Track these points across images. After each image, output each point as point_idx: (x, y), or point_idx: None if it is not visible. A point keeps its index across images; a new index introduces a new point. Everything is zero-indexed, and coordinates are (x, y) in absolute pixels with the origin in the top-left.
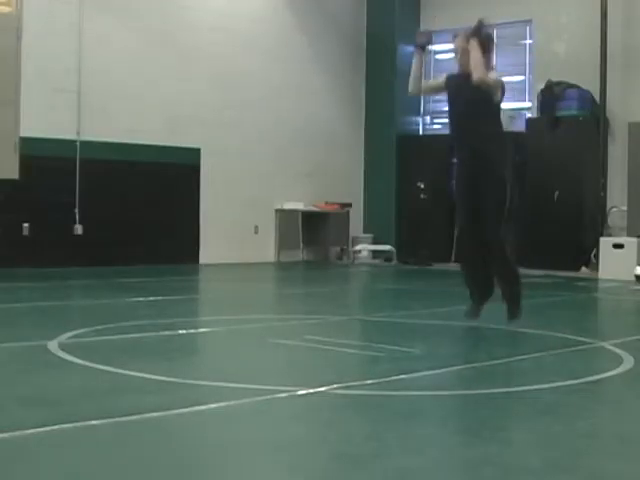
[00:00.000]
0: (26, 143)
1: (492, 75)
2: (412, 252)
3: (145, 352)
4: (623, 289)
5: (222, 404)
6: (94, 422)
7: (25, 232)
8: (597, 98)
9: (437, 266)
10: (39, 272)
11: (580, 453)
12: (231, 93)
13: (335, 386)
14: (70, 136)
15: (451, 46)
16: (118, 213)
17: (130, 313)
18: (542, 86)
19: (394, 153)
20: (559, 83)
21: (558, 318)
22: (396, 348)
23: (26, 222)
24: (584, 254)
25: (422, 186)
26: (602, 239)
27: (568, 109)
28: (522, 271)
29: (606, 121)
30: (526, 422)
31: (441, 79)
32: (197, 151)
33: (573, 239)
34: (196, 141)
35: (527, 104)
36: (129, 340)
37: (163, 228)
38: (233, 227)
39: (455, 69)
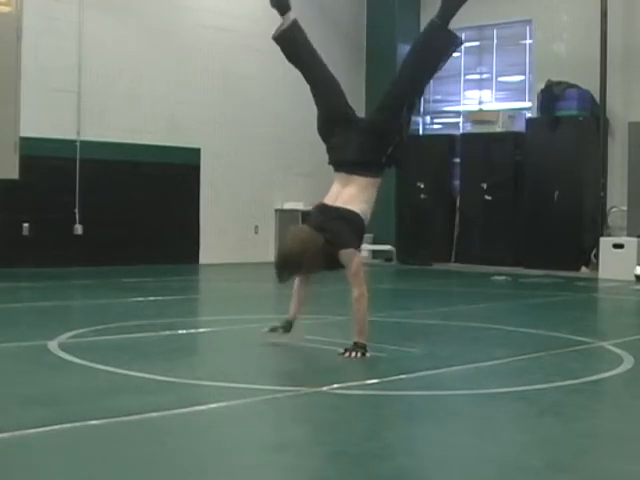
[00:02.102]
0: (26, 143)
1: None
2: (412, 252)
3: (145, 352)
4: (623, 289)
5: (222, 404)
6: (94, 422)
7: (25, 232)
8: (597, 98)
9: (437, 266)
10: (39, 272)
11: (580, 453)
12: (231, 93)
13: (335, 386)
14: (70, 136)
15: None
16: (118, 213)
17: (130, 313)
18: (542, 86)
19: None
20: (559, 83)
21: (558, 318)
22: (396, 348)
23: (26, 222)
24: (584, 254)
25: (422, 186)
26: (602, 239)
27: (568, 109)
28: (522, 271)
29: (606, 121)
30: (526, 422)
31: None
32: (197, 151)
33: (573, 239)
34: (196, 141)
35: (527, 104)
36: (129, 340)
37: (163, 228)
38: (233, 227)
39: None
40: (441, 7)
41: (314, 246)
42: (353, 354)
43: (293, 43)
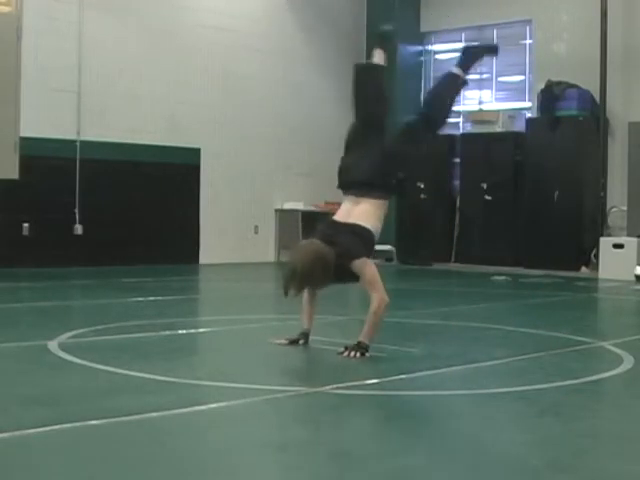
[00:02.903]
0: (26, 143)
1: None
2: (412, 252)
3: (145, 352)
4: (623, 289)
5: (222, 404)
6: (94, 422)
7: (25, 232)
8: (597, 98)
9: (437, 266)
10: (39, 272)
11: (580, 453)
12: (231, 93)
13: (335, 386)
14: (70, 136)
15: (451, 46)
16: (118, 213)
17: (130, 313)
18: (542, 86)
19: None
20: (559, 83)
21: (558, 318)
22: (396, 348)
23: (26, 222)
24: (584, 254)
25: (422, 186)
26: (602, 239)
27: (568, 109)
28: (522, 271)
29: (606, 121)
30: (526, 422)
31: None
32: (197, 151)
33: (573, 239)
34: (196, 141)
35: (527, 104)
36: (129, 340)
37: (163, 228)
38: (233, 227)
39: None
40: (461, 58)
41: (325, 259)
42: (352, 353)
43: (366, 82)
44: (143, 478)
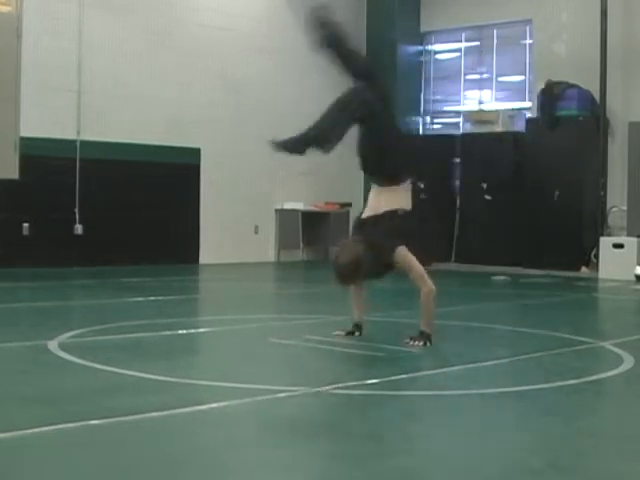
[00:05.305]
0: (26, 143)
1: None
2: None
3: (145, 352)
4: (623, 289)
5: (222, 404)
6: (94, 422)
7: (25, 232)
8: (597, 98)
9: (437, 266)
10: (39, 272)
11: (580, 453)
12: (231, 93)
13: (335, 386)
14: (70, 136)
15: (451, 46)
16: (118, 213)
17: (130, 313)
18: (542, 86)
19: None
20: (559, 83)
21: (558, 318)
22: (396, 348)
23: (26, 222)
24: (584, 254)
25: (422, 186)
26: (602, 239)
27: (568, 109)
28: (522, 271)
29: (606, 121)
30: (526, 422)
31: None
32: (197, 151)
33: (573, 239)
34: (196, 141)
35: (527, 104)
36: (129, 340)
37: (163, 228)
38: (233, 227)
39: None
40: None
41: (363, 262)
42: (417, 342)
43: None
44: (143, 478)
